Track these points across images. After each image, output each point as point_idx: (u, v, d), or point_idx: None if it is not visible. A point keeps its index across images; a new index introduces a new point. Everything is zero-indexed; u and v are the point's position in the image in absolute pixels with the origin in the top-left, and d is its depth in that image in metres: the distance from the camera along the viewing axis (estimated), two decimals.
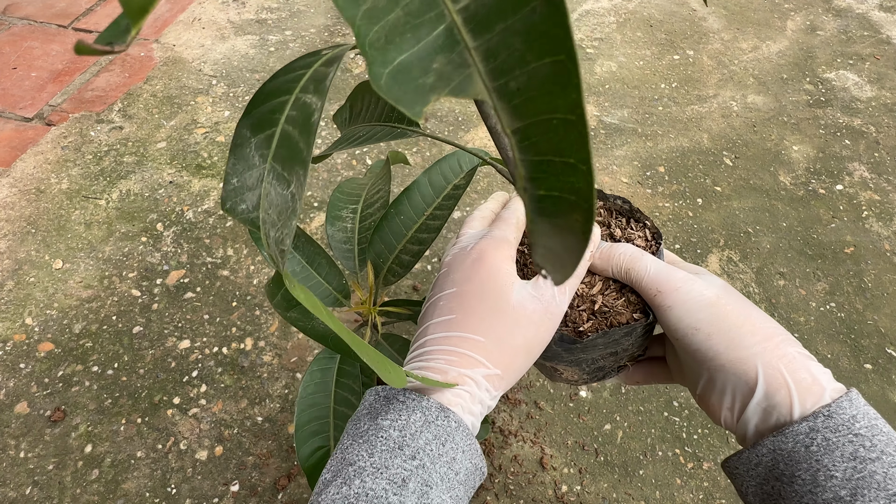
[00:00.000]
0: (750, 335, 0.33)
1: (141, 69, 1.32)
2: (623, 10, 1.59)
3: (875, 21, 1.61)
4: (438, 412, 0.31)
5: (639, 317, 0.38)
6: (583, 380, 0.42)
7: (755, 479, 0.31)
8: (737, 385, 0.32)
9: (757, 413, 0.31)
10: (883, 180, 1.19)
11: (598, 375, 0.42)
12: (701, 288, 0.35)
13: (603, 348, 0.38)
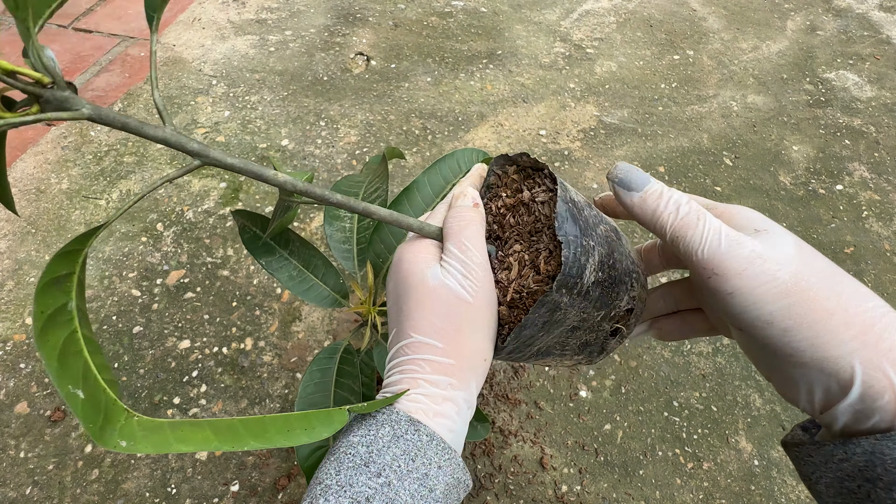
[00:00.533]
0: (843, 328, 0.26)
1: (141, 69, 1.32)
2: (623, 11, 1.59)
3: (875, 21, 1.61)
4: (408, 426, 0.30)
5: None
6: (586, 361, 0.38)
7: (836, 473, 0.27)
8: (825, 384, 0.27)
9: (848, 413, 0.26)
10: (883, 180, 1.19)
11: (596, 350, 0.37)
12: (773, 268, 0.27)
13: (549, 335, 0.34)
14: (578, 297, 0.32)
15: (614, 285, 0.33)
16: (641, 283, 0.36)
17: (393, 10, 1.55)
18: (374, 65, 1.38)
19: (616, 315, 0.35)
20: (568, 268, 0.31)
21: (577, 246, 0.31)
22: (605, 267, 0.32)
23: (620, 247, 0.34)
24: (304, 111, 1.26)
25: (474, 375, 0.32)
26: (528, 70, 1.39)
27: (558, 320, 0.33)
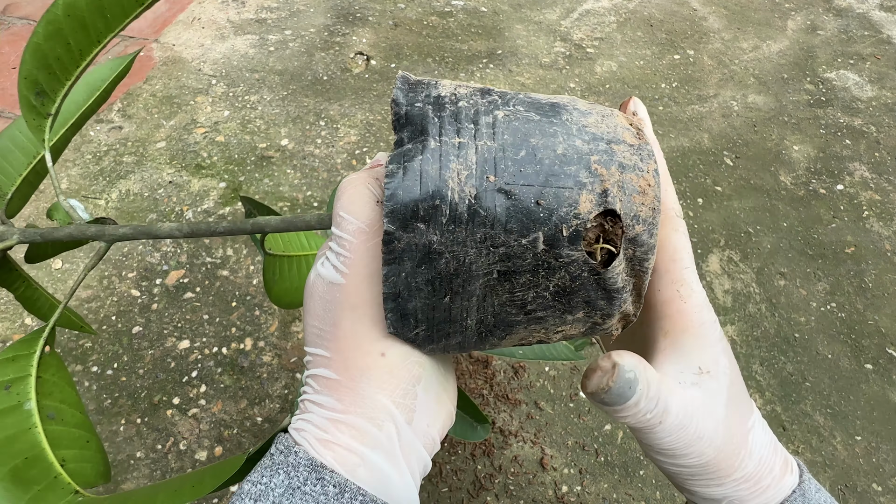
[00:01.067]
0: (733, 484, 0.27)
1: (140, 69, 1.32)
2: (623, 10, 1.59)
3: (875, 21, 1.61)
4: (308, 473, 0.23)
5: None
6: (600, 319, 0.25)
7: None
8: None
9: None
10: (884, 180, 1.19)
11: (594, 297, 0.24)
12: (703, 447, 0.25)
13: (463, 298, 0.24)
14: (459, 225, 0.21)
15: (538, 188, 0.21)
16: (625, 163, 0.22)
17: (393, 9, 1.54)
18: (373, 64, 1.38)
19: (574, 227, 0.21)
20: (399, 190, 0.21)
21: (418, 154, 0.21)
22: (505, 167, 0.21)
23: (546, 128, 0.22)
24: (304, 111, 1.26)
25: (370, 381, 0.24)
26: (528, 70, 1.39)
27: (454, 271, 0.22)
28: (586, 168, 0.21)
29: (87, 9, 0.31)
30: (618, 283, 0.22)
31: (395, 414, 0.24)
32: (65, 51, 0.31)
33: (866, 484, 0.80)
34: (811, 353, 0.92)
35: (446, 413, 0.27)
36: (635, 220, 0.21)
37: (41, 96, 0.31)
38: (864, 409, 0.87)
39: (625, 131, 0.23)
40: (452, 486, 0.78)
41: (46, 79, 0.31)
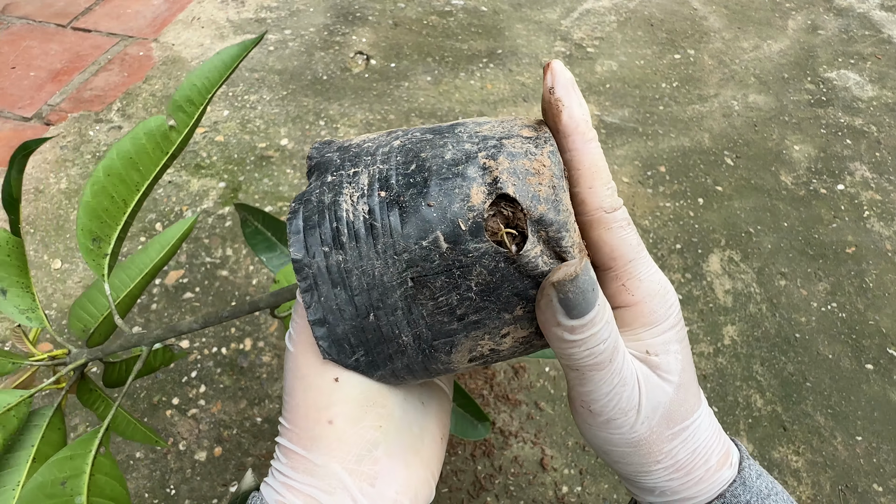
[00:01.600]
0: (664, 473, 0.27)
1: (140, 69, 1.32)
2: (624, 10, 1.59)
3: (876, 20, 1.60)
4: None
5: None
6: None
7: None
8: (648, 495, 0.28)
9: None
10: (884, 180, 1.19)
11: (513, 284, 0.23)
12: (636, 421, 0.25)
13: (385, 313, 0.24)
14: (359, 240, 0.22)
15: (427, 192, 0.22)
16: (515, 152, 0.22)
17: (393, 9, 1.54)
18: (373, 64, 1.38)
19: (472, 219, 0.21)
20: (299, 221, 0.23)
21: (316, 189, 0.23)
22: (395, 181, 0.22)
23: (437, 142, 0.23)
24: (304, 110, 1.25)
25: (320, 449, 0.24)
26: (528, 69, 1.39)
27: (368, 286, 0.22)
28: (475, 164, 0.22)
29: (122, 166, 0.38)
30: (539, 265, 0.21)
31: (348, 482, 0.23)
32: (110, 203, 0.38)
33: (867, 484, 0.80)
34: (812, 354, 0.92)
35: (419, 479, 0.25)
36: (535, 200, 0.21)
37: (97, 241, 0.38)
38: (865, 409, 0.87)
39: (523, 128, 0.23)
40: (452, 487, 0.77)
41: (99, 227, 0.38)
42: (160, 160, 0.39)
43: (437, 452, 0.27)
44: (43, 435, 0.37)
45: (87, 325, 0.42)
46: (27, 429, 0.37)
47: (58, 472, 0.32)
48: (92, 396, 0.41)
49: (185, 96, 0.40)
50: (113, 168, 0.38)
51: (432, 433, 0.27)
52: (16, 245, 0.41)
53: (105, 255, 0.38)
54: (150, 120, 0.38)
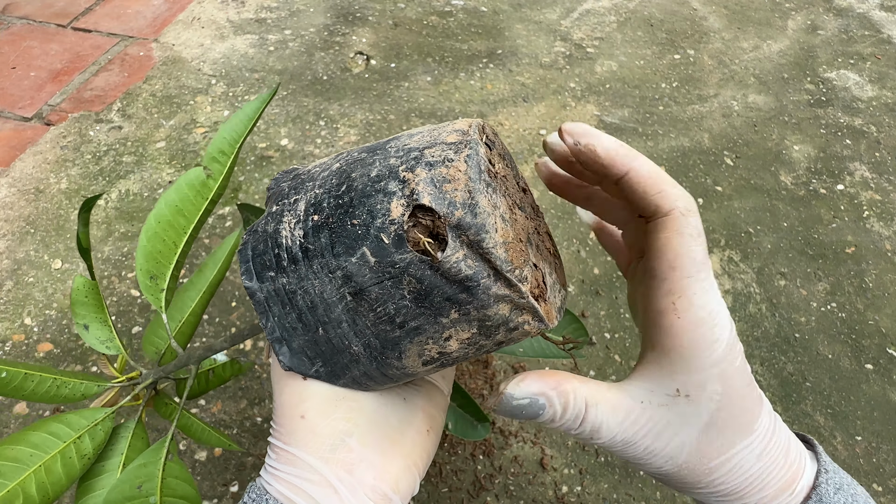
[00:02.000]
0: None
1: (140, 69, 1.32)
2: (623, 10, 1.59)
3: (876, 20, 1.61)
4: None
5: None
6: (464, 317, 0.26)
7: None
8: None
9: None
10: (884, 180, 1.19)
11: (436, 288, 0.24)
12: (658, 462, 0.26)
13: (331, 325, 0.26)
14: (297, 263, 0.24)
15: (352, 210, 0.23)
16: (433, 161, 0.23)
17: (393, 9, 1.54)
18: (373, 64, 1.38)
19: (393, 232, 0.22)
20: (248, 251, 0.25)
21: (262, 220, 0.26)
22: (326, 203, 0.24)
23: (367, 159, 0.24)
24: (304, 111, 1.25)
25: (297, 442, 0.26)
26: (528, 69, 1.39)
27: (311, 304, 0.24)
28: (395, 179, 0.22)
29: (169, 213, 0.44)
30: (462, 269, 0.22)
31: (324, 470, 0.25)
32: (163, 245, 0.44)
33: (867, 484, 0.80)
34: (811, 354, 0.92)
35: (398, 468, 0.27)
36: (452, 206, 0.22)
37: (154, 279, 0.44)
38: (865, 409, 0.87)
39: (450, 134, 0.24)
40: (452, 487, 0.77)
41: (155, 267, 0.44)
42: (202, 206, 0.45)
43: (421, 444, 0.28)
44: (129, 444, 0.43)
45: (159, 348, 0.50)
46: (115, 440, 0.43)
47: (134, 477, 0.38)
48: (167, 409, 0.48)
49: (218, 148, 0.46)
50: (162, 216, 0.45)
51: (416, 426, 0.28)
52: (92, 288, 0.48)
53: (161, 290, 0.44)
54: (190, 172, 0.45)
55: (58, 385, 0.43)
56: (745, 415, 0.25)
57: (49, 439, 0.39)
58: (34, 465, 0.37)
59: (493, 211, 0.22)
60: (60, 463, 0.38)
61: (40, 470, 0.37)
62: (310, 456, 0.26)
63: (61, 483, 0.38)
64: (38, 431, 0.39)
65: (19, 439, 0.38)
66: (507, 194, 0.24)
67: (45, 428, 0.39)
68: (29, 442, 0.38)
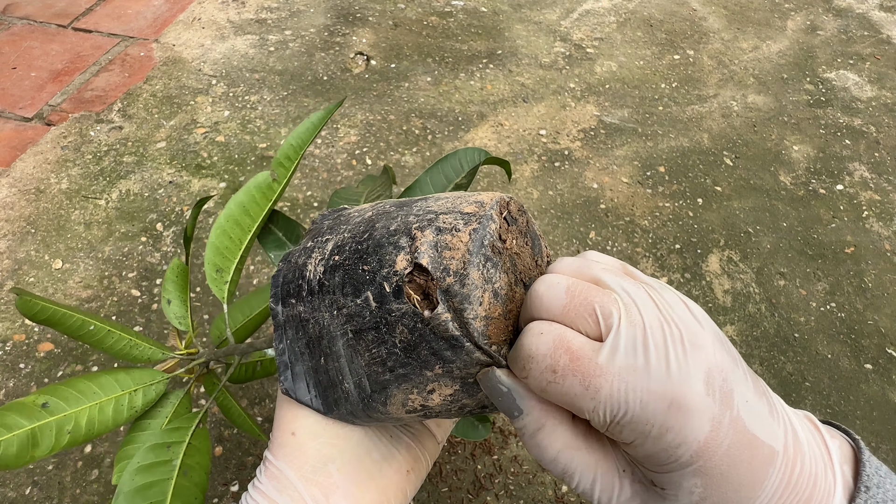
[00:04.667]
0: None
1: (141, 69, 1.32)
2: (623, 10, 1.59)
3: (875, 21, 1.61)
4: None
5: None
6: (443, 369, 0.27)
7: None
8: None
9: None
10: (883, 180, 1.19)
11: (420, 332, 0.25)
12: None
13: (331, 357, 0.28)
14: (314, 295, 0.27)
15: (365, 257, 0.25)
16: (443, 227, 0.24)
17: (393, 9, 1.54)
18: (373, 64, 1.38)
19: (395, 283, 0.24)
20: (280, 278, 0.28)
21: (297, 252, 0.29)
22: (348, 247, 0.26)
23: (393, 213, 0.26)
24: (304, 111, 1.26)
25: (284, 457, 0.27)
26: (528, 70, 1.39)
27: (319, 333, 0.27)
28: (407, 235, 0.25)
29: (237, 212, 0.49)
30: (449, 329, 0.23)
31: (301, 488, 0.26)
32: (229, 241, 0.49)
33: None
34: (811, 353, 0.93)
35: (372, 501, 0.27)
36: (445, 272, 0.23)
37: (220, 272, 0.49)
38: (864, 409, 0.87)
39: (470, 205, 0.25)
40: (452, 486, 0.78)
41: (221, 260, 0.49)
42: (265, 206, 0.49)
43: (398, 483, 0.29)
44: (174, 410, 0.48)
45: (222, 334, 0.55)
46: (164, 403, 0.48)
47: (167, 437, 0.43)
48: (214, 387, 0.54)
49: (285, 154, 0.50)
50: (231, 215, 0.49)
51: (396, 465, 0.29)
52: (183, 270, 0.53)
53: (226, 283, 0.49)
54: (258, 175, 0.50)
55: (131, 346, 0.48)
56: (743, 490, 0.22)
57: (111, 383, 0.44)
58: (91, 401, 0.42)
59: (483, 285, 0.23)
60: (112, 407, 0.43)
61: (95, 407, 0.43)
62: (293, 473, 0.27)
63: (107, 424, 0.43)
64: (107, 376, 0.45)
65: (94, 377, 0.44)
66: (510, 271, 0.25)
67: (113, 375, 0.45)
68: (98, 382, 0.44)
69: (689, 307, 0.22)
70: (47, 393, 0.41)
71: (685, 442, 0.20)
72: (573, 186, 1.14)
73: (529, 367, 0.22)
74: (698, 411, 0.20)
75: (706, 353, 0.21)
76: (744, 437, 0.21)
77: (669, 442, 0.20)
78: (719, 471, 0.21)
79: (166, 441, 0.43)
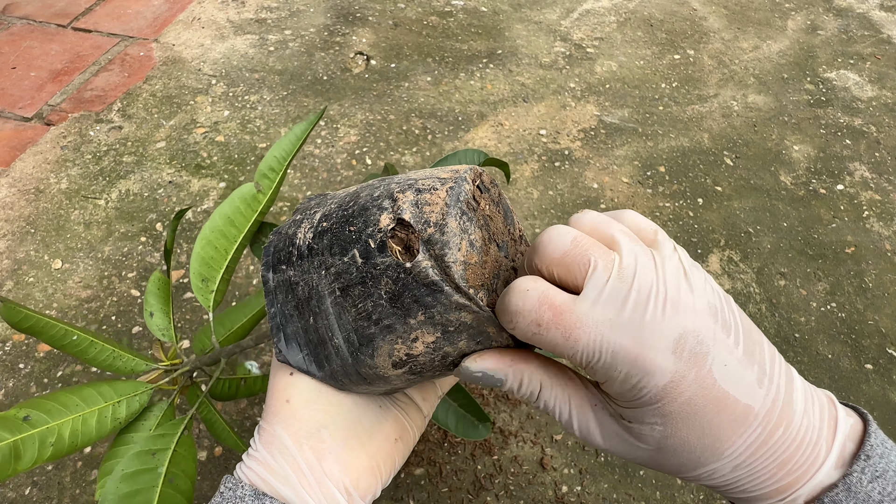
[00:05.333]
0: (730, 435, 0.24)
1: (140, 69, 1.32)
2: (623, 10, 1.59)
3: (876, 21, 1.61)
4: (252, 500, 0.27)
5: None
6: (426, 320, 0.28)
7: None
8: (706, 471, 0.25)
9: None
10: (884, 180, 1.19)
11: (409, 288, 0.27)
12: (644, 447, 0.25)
13: (321, 317, 0.29)
14: (303, 259, 0.28)
15: (352, 219, 0.27)
16: (422, 188, 0.27)
17: (393, 9, 1.54)
18: (373, 64, 1.38)
19: (379, 238, 0.26)
20: (270, 247, 0.30)
21: (287, 224, 0.31)
22: (335, 214, 0.28)
23: (376, 185, 0.28)
24: (304, 111, 1.25)
25: (278, 422, 0.29)
26: (528, 70, 1.39)
27: (308, 294, 0.28)
28: (389, 198, 0.27)
29: (222, 223, 0.49)
30: (430, 275, 0.25)
31: (294, 452, 0.28)
32: (214, 252, 0.49)
33: None
34: (811, 353, 0.92)
35: (361, 467, 0.30)
36: (426, 224, 0.25)
37: (206, 282, 0.49)
38: (865, 408, 0.87)
39: (446, 172, 0.28)
40: (452, 486, 0.78)
41: (206, 270, 0.49)
42: (251, 217, 0.50)
43: (387, 450, 0.31)
44: (158, 422, 0.48)
45: (205, 347, 0.55)
46: (147, 416, 0.48)
47: (152, 444, 0.43)
48: (197, 399, 0.53)
49: (268, 165, 0.50)
50: (216, 226, 0.49)
51: (385, 432, 0.32)
52: (164, 283, 0.53)
53: (211, 292, 0.49)
54: (242, 187, 0.51)
55: (114, 357, 0.48)
56: (707, 437, 0.24)
57: (94, 395, 0.44)
58: (74, 413, 0.42)
59: (460, 234, 0.26)
60: (96, 419, 0.43)
61: (78, 419, 0.42)
62: (288, 438, 0.29)
63: (90, 436, 0.43)
64: (90, 388, 0.44)
65: (75, 390, 0.44)
66: (484, 228, 0.27)
67: (96, 387, 0.45)
68: (80, 394, 0.43)
69: (690, 278, 0.24)
70: (29, 406, 0.41)
71: (646, 387, 0.23)
72: (573, 186, 1.14)
73: (516, 321, 0.25)
74: (659, 366, 0.23)
75: (684, 317, 0.23)
76: (710, 393, 0.23)
77: (633, 385, 0.24)
78: (679, 416, 0.23)
79: (151, 448, 0.43)
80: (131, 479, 0.40)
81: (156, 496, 0.40)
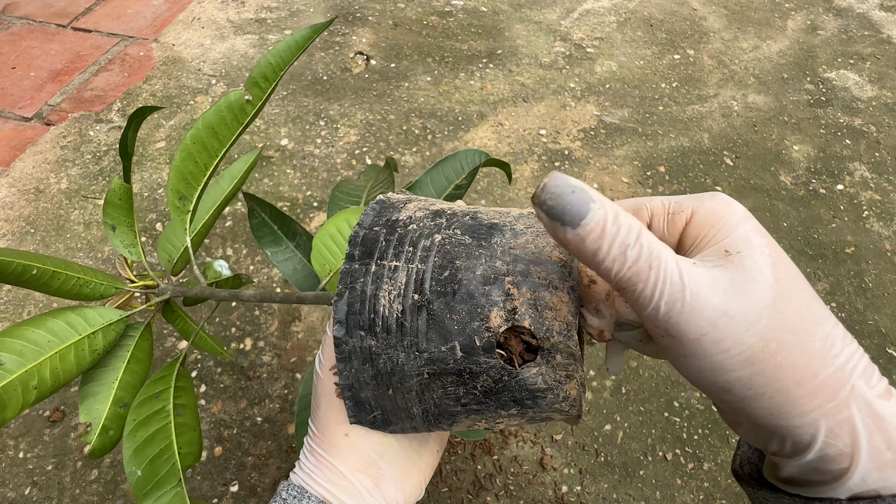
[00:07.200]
0: (808, 398, 0.22)
1: (140, 69, 1.32)
2: (623, 10, 1.59)
3: (876, 21, 1.61)
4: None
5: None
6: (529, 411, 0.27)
7: None
8: (779, 442, 0.23)
9: (796, 469, 0.24)
10: (884, 180, 1.19)
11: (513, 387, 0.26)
12: (740, 329, 0.21)
13: (402, 393, 0.28)
14: (390, 333, 0.26)
15: (454, 304, 0.25)
16: (538, 282, 0.25)
17: (393, 9, 1.54)
18: (373, 64, 1.38)
19: (486, 339, 0.24)
20: (344, 306, 0.27)
21: (360, 276, 0.27)
22: (428, 287, 0.25)
23: (473, 251, 0.26)
24: (304, 111, 1.25)
25: (337, 454, 0.30)
26: (528, 69, 1.39)
27: (391, 370, 0.26)
28: (500, 288, 0.25)
29: (205, 135, 0.45)
30: (538, 383, 0.24)
31: (354, 480, 0.30)
32: (194, 167, 0.46)
33: None
34: None
35: (413, 483, 0.32)
36: (549, 332, 0.24)
37: (182, 200, 0.46)
38: None
39: (554, 250, 0.26)
40: (452, 486, 0.78)
41: (184, 187, 0.46)
42: (236, 130, 0.46)
43: (432, 462, 0.33)
44: (136, 343, 0.47)
45: (171, 256, 0.53)
46: (124, 339, 0.47)
47: (153, 388, 0.44)
48: (174, 316, 0.53)
49: (262, 73, 0.46)
50: (198, 137, 0.45)
51: (430, 447, 0.33)
52: (126, 191, 0.48)
53: (188, 211, 0.47)
54: (231, 94, 0.45)
55: (80, 284, 0.45)
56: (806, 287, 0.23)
57: (67, 329, 0.42)
58: (51, 351, 0.41)
59: (579, 344, 0.25)
60: (73, 354, 0.42)
61: (55, 357, 0.41)
62: (346, 468, 0.30)
63: (71, 372, 0.42)
64: (57, 319, 0.42)
65: (40, 323, 0.41)
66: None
67: (64, 317, 0.42)
68: (48, 328, 0.41)
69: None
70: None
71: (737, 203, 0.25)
72: None
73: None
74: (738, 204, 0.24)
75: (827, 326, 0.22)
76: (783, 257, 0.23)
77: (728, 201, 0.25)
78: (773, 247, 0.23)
79: (153, 392, 0.44)
80: (145, 424, 0.42)
81: (172, 429, 0.42)
